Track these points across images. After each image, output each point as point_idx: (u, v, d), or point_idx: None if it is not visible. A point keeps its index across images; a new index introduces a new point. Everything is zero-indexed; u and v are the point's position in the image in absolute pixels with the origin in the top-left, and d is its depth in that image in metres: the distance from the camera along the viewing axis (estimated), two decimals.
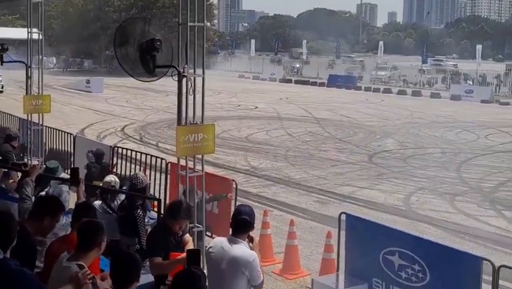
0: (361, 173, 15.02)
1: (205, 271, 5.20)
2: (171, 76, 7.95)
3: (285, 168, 15.35)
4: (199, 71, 8.01)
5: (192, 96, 7.99)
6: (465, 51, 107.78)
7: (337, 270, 7.09)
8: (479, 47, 43.61)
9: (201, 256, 5.56)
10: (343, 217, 6.98)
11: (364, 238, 6.74)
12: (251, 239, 5.09)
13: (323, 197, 12.65)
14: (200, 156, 8.21)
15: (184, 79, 7.90)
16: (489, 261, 5.76)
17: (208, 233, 8.52)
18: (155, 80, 7.61)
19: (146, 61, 7.66)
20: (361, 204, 12.14)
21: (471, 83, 40.89)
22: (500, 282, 5.81)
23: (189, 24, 8.05)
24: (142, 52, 7.60)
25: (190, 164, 8.27)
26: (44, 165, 9.09)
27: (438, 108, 30.50)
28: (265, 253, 8.00)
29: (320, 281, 6.82)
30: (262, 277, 4.91)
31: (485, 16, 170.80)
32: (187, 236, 5.99)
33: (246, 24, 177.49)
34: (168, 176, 9.74)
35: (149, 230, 6.15)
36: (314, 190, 13.18)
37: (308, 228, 10.38)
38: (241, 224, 4.99)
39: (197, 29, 8.16)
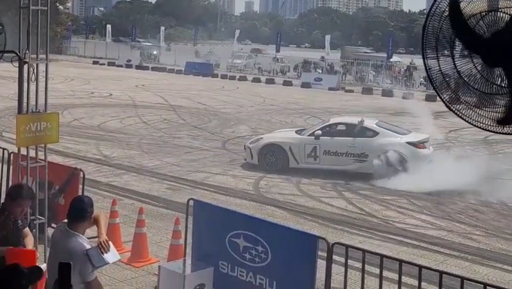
0: (214, 160, 15.30)
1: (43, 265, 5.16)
2: (11, 61, 7.59)
3: (138, 156, 15.21)
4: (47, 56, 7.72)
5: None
6: (316, 41, 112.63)
7: (184, 255, 7.23)
8: (327, 37, 45.83)
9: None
10: (191, 202, 7.12)
11: (211, 222, 6.94)
12: (94, 219, 5.17)
13: (175, 184, 12.74)
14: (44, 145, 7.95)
15: (25, 65, 7.58)
16: (324, 238, 6.24)
17: (53, 225, 8.28)
18: None
19: None
20: (212, 190, 12.40)
21: (320, 71, 42.98)
22: (336, 257, 6.29)
23: (31, 7, 7.71)
24: None
25: (34, 154, 7.96)
26: None
27: (289, 95, 31.72)
28: (114, 243, 7.91)
29: (166, 267, 6.92)
30: (94, 275, 4.96)
31: (335, 8, 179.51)
32: (27, 229, 5.82)
33: (102, 9, 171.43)
34: (11, 167, 9.28)
35: None
36: (167, 177, 13.22)
37: (159, 215, 10.44)
38: (76, 214, 5.07)
39: (40, 13, 7.83)
